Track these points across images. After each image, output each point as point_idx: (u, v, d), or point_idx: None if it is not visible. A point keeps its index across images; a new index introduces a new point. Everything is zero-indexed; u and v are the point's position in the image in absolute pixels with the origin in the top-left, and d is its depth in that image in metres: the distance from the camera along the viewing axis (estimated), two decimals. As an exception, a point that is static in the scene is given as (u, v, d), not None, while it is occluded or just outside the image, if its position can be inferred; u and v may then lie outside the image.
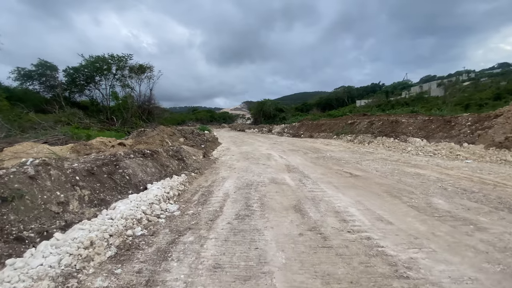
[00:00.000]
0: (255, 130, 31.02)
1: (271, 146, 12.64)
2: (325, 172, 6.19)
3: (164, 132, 12.73)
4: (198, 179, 5.66)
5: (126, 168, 4.64)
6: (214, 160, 8.41)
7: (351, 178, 5.51)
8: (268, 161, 8.09)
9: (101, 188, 3.96)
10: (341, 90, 65.07)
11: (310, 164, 7.34)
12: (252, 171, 6.43)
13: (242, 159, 8.64)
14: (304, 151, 10.09)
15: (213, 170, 6.76)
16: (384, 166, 6.72)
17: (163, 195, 4.08)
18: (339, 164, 7.28)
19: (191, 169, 6.39)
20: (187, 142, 13.11)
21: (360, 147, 10.71)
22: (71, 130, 13.31)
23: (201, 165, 7.09)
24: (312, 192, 4.41)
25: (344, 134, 13.66)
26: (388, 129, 11.33)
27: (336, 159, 8.13)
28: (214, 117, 79.22)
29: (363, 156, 8.49)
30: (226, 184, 5.06)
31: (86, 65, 24.20)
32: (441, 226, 2.93)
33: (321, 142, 13.23)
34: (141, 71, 27.64)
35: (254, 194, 4.33)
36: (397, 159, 7.73)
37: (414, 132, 10.10)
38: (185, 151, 7.36)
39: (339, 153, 9.24)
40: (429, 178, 5.29)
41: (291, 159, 8.35)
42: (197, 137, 15.30)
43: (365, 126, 13.03)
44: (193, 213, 3.54)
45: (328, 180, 5.37)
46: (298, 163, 7.49)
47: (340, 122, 15.71)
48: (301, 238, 2.68)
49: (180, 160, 6.56)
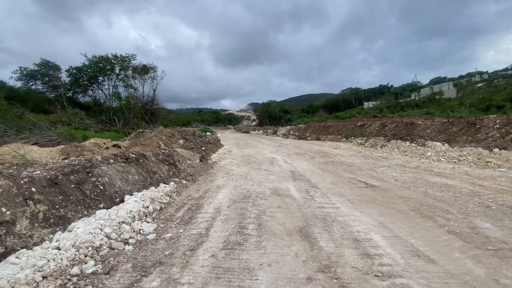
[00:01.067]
0: (260, 131, 30.26)
1: (275, 149, 11.86)
2: (336, 181, 5.38)
3: (163, 134, 12.08)
4: (189, 188, 4.91)
5: (101, 176, 3.93)
6: (212, 165, 7.67)
7: (367, 189, 4.69)
8: (271, 166, 7.32)
9: (63, 201, 3.25)
10: (348, 91, 63.89)
11: (317, 171, 6.53)
12: (252, 178, 5.66)
13: (243, 163, 7.88)
14: (311, 155, 9.27)
15: (209, 176, 6.01)
16: (403, 174, 5.87)
17: (139, 211, 3.35)
18: (350, 171, 6.45)
19: (183, 175, 5.67)
20: (187, 144, 12.44)
21: (372, 151, 9.82)
22: (67, 131, 12.82)
23: (196, 170, 6.36)
24: (322, 208, 3.62)
25: (354, 136, 12.77)
26: (402, 132, 10.41)
27: (347, 164, 7.30)
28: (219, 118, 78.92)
29: (377, 161, 7.63)
30: (220, 196, 4.31)
31: (89, 65, 23.92)
32: (503, 268, 2.11)
33: (329, 145, 12.37)
34: (145, 71, 27.26)
35: (251, 210, 3.56)
36: (417, 165, 6.85)
37: (433, 136, 9.17)
38: (179, 155, 6.65)
39: (349, 158, 8.39)
40: (462, 191, 4.42)
41: (296, 164, 7.55)
42: (198, 138, 14.63)
43: (377, 128, 12.12)
44: (171, 237, 2.79)
45: (340, 191, 4.56)
46: (304, 169, 6.70)
47: (349, 124, 14.82)
48: (310, 286, 1.90)
49: (171, 165, 5.84)
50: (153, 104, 27.35)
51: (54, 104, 21.76)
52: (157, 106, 27.54)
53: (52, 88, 24.14)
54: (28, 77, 21.89)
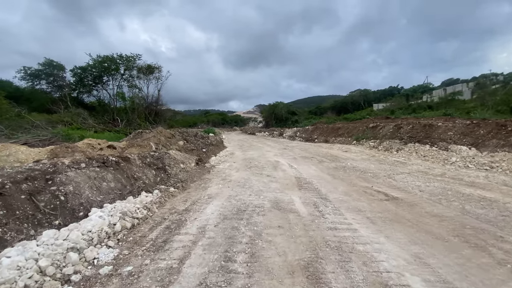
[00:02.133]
0: (266, 133, 29.49)
1: (281, 151, 11.07)
2: (349, 191, 4.57)
3: (162, 134, 11.46)
4: (176, 198, 4.19)
5: (65, 185, 3.24)
6: (209, 169, 6.95)
7: (388, 203, 3.87)
8: (274, 171, 6.55)
9: (5, 218, 2.57)
10: (357, 93, 62.51)
11: (327, 177, 5.72)
12: (251, 186, 4.90)
13: (244, 167, 7.13)
14: (319, 159, 8.45)
15: (203, 183, 5.28)
16: (428, 183, 5.00)
17: (102, 230, 2.64)
18: (365, 178, 5.62)
19: (172, 181, 4.95)
20: (187, 145, 11.79)
21: (387, 155, 8.92)
22: (64, 131, 12.37)
23: (189, 175, 5.65)
24: (336, 230, 2.83)
25: (365, 139, 11.86)
26: (420, 134, 9.47)
27: (360, 170, 6.46)
28: (226, 120, 78.54)
29: (394, 167, 6.76)
30: (209, 209, 3.56)
31: (94, 65, 23.69)
32: None
33: (339, 148, 11.50)
34: (150, 71, 26.91)
35: (244, 232, 2.80)
36: (442, 173, 5.95)
37: (456, 139, 8.21)
38: (171, 158, 5.95)
39: (362, 163, 7.53)
40: (508, 208, 3.56)
41: (303, 169, 6.75)
42: (200, 140, 13.99)
43: (391, 130, 11.18)
44: (130, 272, 2.06)
45: (356, 205, 3.76)
46: (311, 176, 5.89)
47: (360, 126, 13.89)
48: None
49: (160, 169, 5.14)
50: (157, 104, 26.94)
51: (58, 103, 21.55)
52: (161, 107, 27.12)
53: (56, 88, 24.01)
54: (32, 76, 21.76)
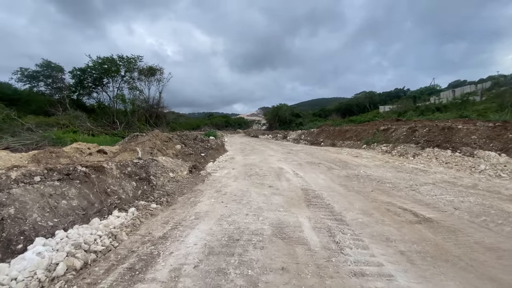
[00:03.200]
0: (269, 136, 28.68)
1: (285, 156, 10.26)
2: (369, 209, 3.75)
3: (158, 138, 10.74)
4: (155, 219, 3.40)
5: (4, 206, 2.50)
6: (205, 177, 6.17)
7: (422, 228, 3.04)
8: (277, 180, 5.74)
9: None
10: (362, 95, 61.53)
11: (339, 189, 4.90)
12: (249, 201, 4.10)
13: (243, 176, 6.34)
14: (328, 165, 7.62)
15: (193, 196, 4.50)
16: (462, 199, 4.15)
17: (32, 277, 1.88)
18: (384, 190, 4.78)
19: (156, 195, 4.19)
20: (185, 150, 11.06)
21: (403, 161, 8.03)
22: (55, 134, 11.75)
23: (178, 187, 4.88)
24: (363, 278, 2.01)
25: (376, 143, 10.97)
26: (439, 138, 8.58)
27: (376, 180, 5.62)
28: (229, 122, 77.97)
29: (415, 176, 5.90)
30: (192, 237, 2.77)
31: (93, 67, 23.24)
32: None
33: (348, 152, 10.63)
34: (151, 73, 26.41)
35: (233, 279, 2.00)
36: (473, 184, 5.08)
37: (482, 143, 7.31)
38: (158, 166, 5.19)
39: (377, 170, 6.68)
40: None
41: (310, 178, 5.93)
42: (200, 143, 13.26)
43: (404, 133, 10.29)
44: None
45: (382, 231, 2.94)
46: (321, 187, 5.08)
47: (370, 129, 13.00)
48: None
49: (142, 180, 4.37)
50: (158, 106, 26.38)
51: (56, 106, 21.10)
52: (162, 109, 26.54)
53: (55, 90, 23.60)
54: (29, 78, 21.34)
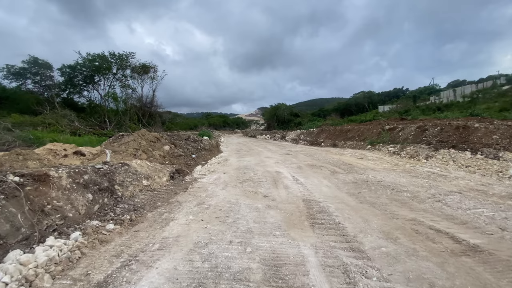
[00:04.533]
0: (267, 136, 27.81)
1: (283, 158, 9.38)
2: (390, 229, 2.87)
3: (144, 138, 9.82)
4: (104, 249, 2.50)
5: None
6: (188, 184, 5.27)
7: (472, 263, 2.17)
8: (273, 188, 4.86)
9: None
10: (360, 95, 60.95)
11: (348, 200, 4.02)
12: (236, 219, 3.22)
13: (234, 182, 5.46)
14: (331, 169, 6.75)
15: (166, 211, 3.60)
16: (505, 214, 3.29)
17: None
18: (403, 201, 3.91)
19: (119, 210, 3.29)
20: (174, 151, 10.17)
21: (414, 164, 7.17)
22: (33, 134, 10.82)
23: (151, 198, 3.98)
24: None
25: (382, 143, 10.12)
26: (453, 138, 7.74)
27: (390, 187, 4.75)
28: (227, 122, 77.03)
29: (434, 182, 5.04)
30: (144, 286, 1.89)
31: (84, 64, 22.26)
32: None
33: (351, 154, 9.78)
34: (144, 71, 25.46)
35: None
36: (509, 193, 4.23)
37: (506, 144, 6.48)
38: (129, 172, 4.28)
39: (387, 175, 5.82)
40: None
41: (312, 184, 5.06)
42: (192, 144, 12.36)
43: (413, 133, 9.45)
44: None
45: (419, 270, 2.06)
46: (326, 196, 4.20)
47: (373, 128, 12.16)
48: None
49: (103, 192, 3.47)
50: (152, 105, 25.42)
51: (44, 104, 20.12)
52: (156, 108, 25.58)
53: (44, 88, 22.58)
54: (16, 75, 20.31)
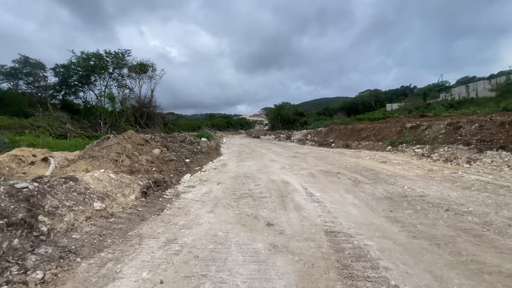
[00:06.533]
0: (271, 136, 26.48)
1: (290, 162, 8.05)
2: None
3: (130, 141, 8.54)
4: None
5: None
6: (165, 204, 3.98)
7: None
8: (281, 208, 3.54)
9: None
10: (367, 93, 59.34)
11: (392, 231, 2.67)
12: (219, 280, 1.92)
13: (228, 198, 4.15)
14: (351, 176, 5.39)
15: (113, 258, 2.31)
16: None
17: None
18: (473, 232, 2.55)
19: (32, 261, 2.01)
20: (166, 155, 8.88)
21: (455, 169, 5.75)
22: (8, 137, 9.71)
23: (98, 231, 2.69)
24: None
25: (405, 144, 8.70)
26: (500, 137, 6.32)
27: (443, 206, 3.38)
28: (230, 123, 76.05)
29: (497, 197, 3.64)
30: None
31: (78, 63, 21.24)
32: None
33: (370, 156, 8.39)
34: (142, 70, 24.37)
35: None
36: None
37: None
38: (73, 191, 2.99)
39: (426, 185, 4.43)
40: None
41: (332, 202, 3.72)
42: (187, 146, 11.09)
43: (443, 131, 8.04)
44: None
45: None
46: (357, 224, 2.86)
47: (392, 126, 10.74)
48: None
49: (14, 228, 2.18)
50: (150, 106, 24.30)
51: (36, 106, 19.15)
52: (154, 109, 24.44)
53: (38, 89, 21.62)
54: (6, 76, 19.35)
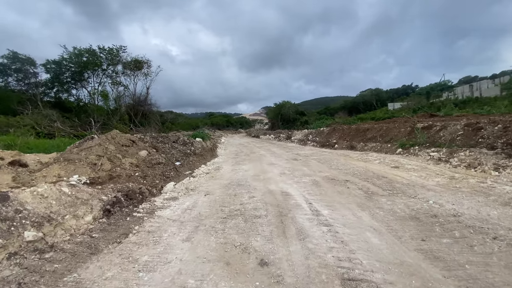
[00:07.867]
0: (271, 136, 25.66)
1: (290, 166, 7.24)
2: None
3: (113, 142, 7.70)
4: None
5: None
6: (131, 226, 3.18)
7: None
8: (279, 236, 2.74)
9: None
10: (368, 93, 58.53)
11: (438, 282, 1.89)
12: None
13: (213, 218, 3.35)
14: (362, 186, 4.58)
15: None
16: None
17: None
18: None
19: None
20: (153, 157, 8.05)
21: (482, 177, 4.93)
22: (-17, 137, 8.93)
23: (18, 278, 1.90)
24: None
25: (418, 146, 7.87)
26: (530, 140, 5.53)
27: (488, 233, 2.58)
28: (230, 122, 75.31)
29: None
30: None
31: (70, 59, 20.41)
32: None
33: (379, 159, 7.56)
34: (137, 66, 23.54)
35: None
36: None
37: None
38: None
39: (454, 198, 3.63)
40: None
41: (345, 225, 2.91)
42: (179, 147, 10.29)
43: (460, 132, 7.23)
44: None
45: None
46: (384, 265, 2.03)
47: (400, 126, 9.92)
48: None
49: None
50: (145, 104, 23.47)
51: (25, 104, 18.35)
52: (150, 107, 23.61)
53: (28, 86, 20.80)
54: (-6, 72, 18.54)
